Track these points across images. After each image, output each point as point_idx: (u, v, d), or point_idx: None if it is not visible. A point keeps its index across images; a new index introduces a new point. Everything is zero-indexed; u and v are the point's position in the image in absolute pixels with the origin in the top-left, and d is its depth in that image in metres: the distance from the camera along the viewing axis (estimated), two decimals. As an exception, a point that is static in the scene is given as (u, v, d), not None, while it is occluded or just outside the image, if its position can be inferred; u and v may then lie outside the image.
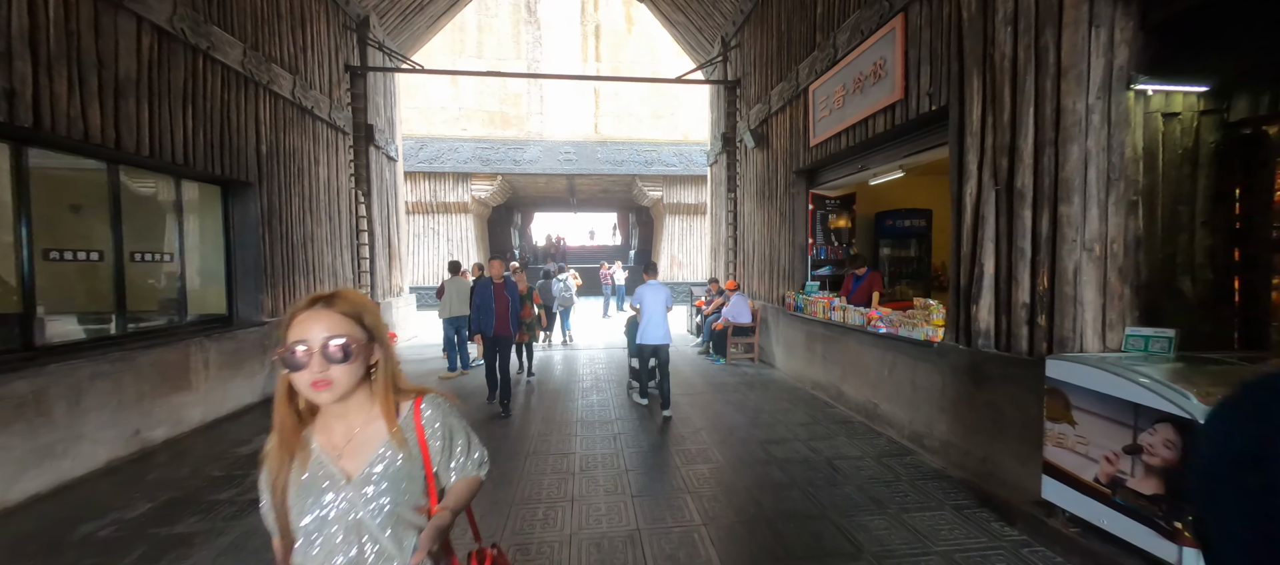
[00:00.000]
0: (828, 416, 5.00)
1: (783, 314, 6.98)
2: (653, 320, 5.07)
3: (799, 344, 6.43)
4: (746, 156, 8.58)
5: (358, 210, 8.44)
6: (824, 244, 6.75)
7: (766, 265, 7.74)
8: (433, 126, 16.75)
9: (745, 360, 7.77)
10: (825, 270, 6.68)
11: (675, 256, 18.33)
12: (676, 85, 17.78)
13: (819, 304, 5.73)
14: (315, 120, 7.14)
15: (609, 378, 6.83)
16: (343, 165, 8.00)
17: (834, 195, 6.77)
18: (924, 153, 4.54)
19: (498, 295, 5.15)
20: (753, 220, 8.37)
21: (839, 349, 5.37)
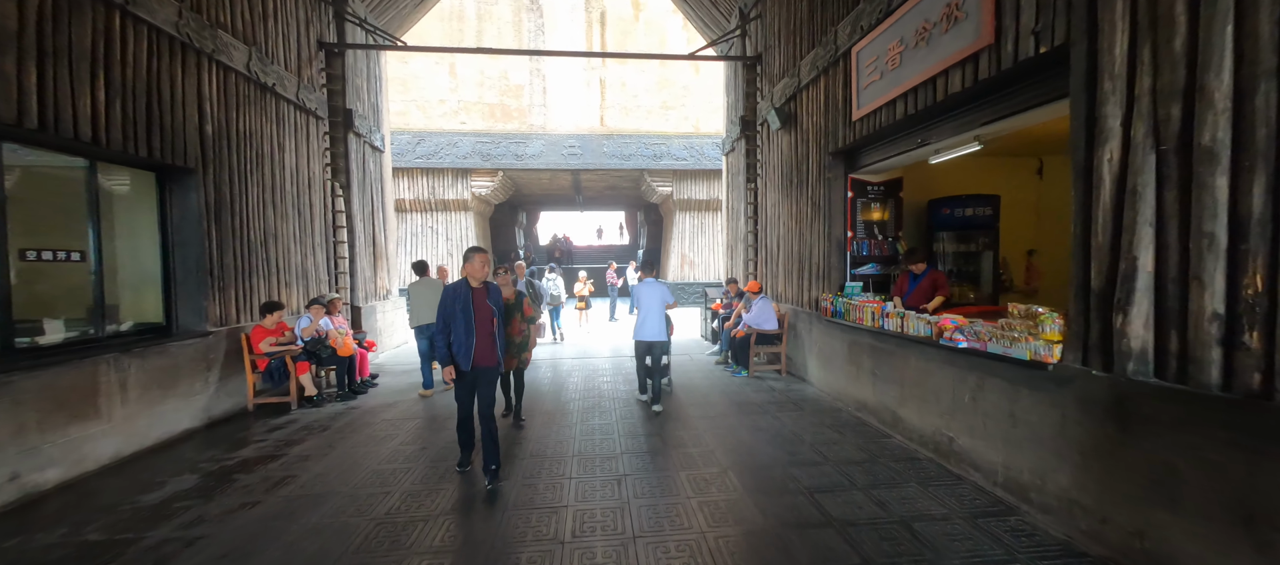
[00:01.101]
0: (885, 451, 4.01)
1: (816, 320, 5.99)
2: (649, 317, 5.18)
3: (838, 356, 5.44)
4: (769, 140, 7.59)
5: (334, 204, 7.57)
6: (865, 238, 5.75)
7: (794, 264, 6.75)
8: (430, 120, 15.94)
9: (771, 373, 6.78)
10: (868, 269, 5.67)
11: (686, 255, 17.35)
12: (687, 76, 16.88)
13: (866, 309, 4.74)
14: (280, 100, 6.27)
15: (615, 394, 5.88)
16: (316, 153, 7.13)
17: (877, 180, 5.77)
18: (1015, 116, 3.54)
19: (478, 308, 3.50)
20: (777, 213, 7.38)
21: (896, 365, 4.37)
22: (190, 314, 4.98)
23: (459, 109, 16.07)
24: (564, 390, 6.15)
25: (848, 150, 5.54)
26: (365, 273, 8.33)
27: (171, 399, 4.55)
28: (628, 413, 5.18)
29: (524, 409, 4.99)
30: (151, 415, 4.34)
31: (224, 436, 4.64)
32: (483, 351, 3.51)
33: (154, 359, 4.40)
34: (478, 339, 3.47)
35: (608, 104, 16.61)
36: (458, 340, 3.45)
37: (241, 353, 5.35)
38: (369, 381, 6.44)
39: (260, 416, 5.25)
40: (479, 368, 3.51)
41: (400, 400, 5.84)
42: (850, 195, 5.71)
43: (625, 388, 6.22)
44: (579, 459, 3.97)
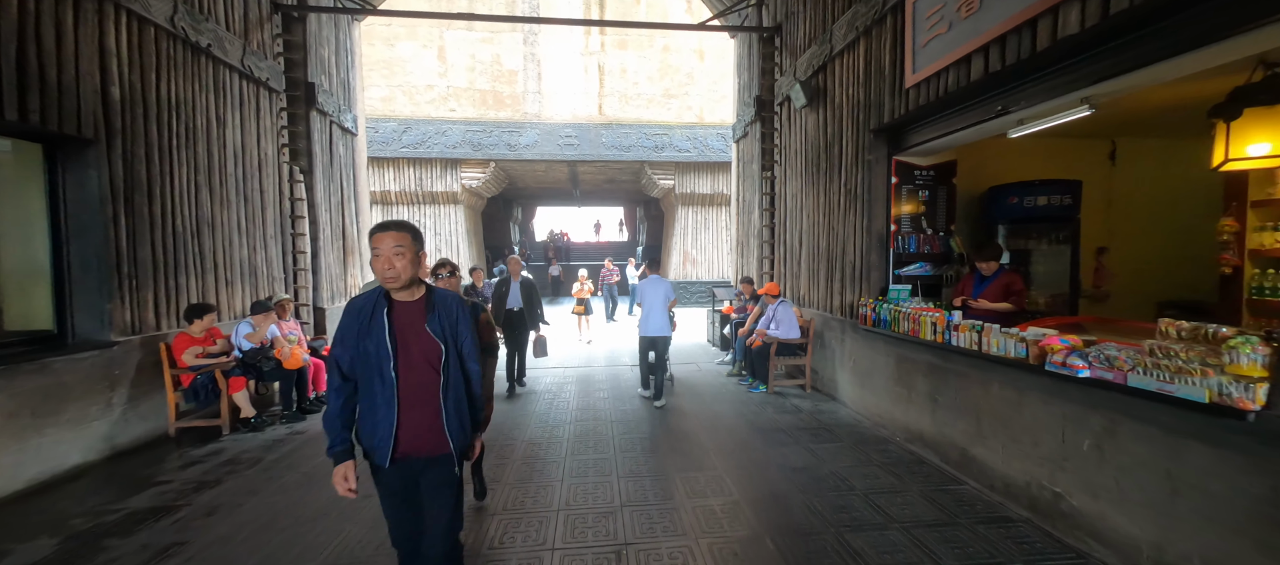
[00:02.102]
0: (963, 506, 3.10)
1: (851, 329, 5.07)
2: (652, 313, 5.31)
3: (882, 373, 4.53)
4: (790, 121, 6.66)
5: (293, 190, 6.62)
6: (912, 231, 4.84)
7: (821, 262, 5.83)
8: (417, 107, 14.97)
9: (793, 388, 5.87)
10: (916, 268, 4.76)
11: (688, 252, 16.44)
12: (691, 63, 15.90)
13: (924, 320, 3.82)
14: (219, 65, 5.31)
15: (613, 413, 4.96)
16: (269, 131, 6.17)
17: (927, 164, 4.85)
18: (1154, 65, 2.62)
19: (405, 340, 1.78)
20: (798, 204, 6.45)
21: (969, 391, 3.46)
22: (89, 320, 4.03)
23: (448, 95, 15.11)
24: (558, 417, 5.22)
25: (894, 126, 4.61)
26: (332, 269, 7.39)
27: (53, 428, 3.61)
28: (628, 443, 4.26)
29: (486, 501, 3.23)
30: (20, 450, 3.40)
31: (125, 474, 3.71)
32: (418, 427, 1.78)
33: (25, 379, 3.46)
34: (405, 405, 1.76)
35: (606, 92, 15.67)
36: (366, 405, 1.78)
37: (162, 366, 4.41)
38: (325, 397, 5.50)
39: (182, 444, 4.32)
40: (413, 460, 1.80)
41: (358, 421, 4.92)
42: (894, 181, 4.80)
43: (634, 416, 5.30)
44: (566, 515, 3.04)
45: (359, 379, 1.79)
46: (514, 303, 6.03)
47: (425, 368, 1.79)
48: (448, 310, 1.87)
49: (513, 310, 6.00)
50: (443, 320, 1.84)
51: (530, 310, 6.05)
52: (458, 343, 1.86)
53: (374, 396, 1.76)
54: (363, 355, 1.76)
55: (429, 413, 1.80)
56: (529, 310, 6.04)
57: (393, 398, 1.75)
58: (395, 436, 1.76)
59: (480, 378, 1.96)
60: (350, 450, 1.79)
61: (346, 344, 1.79)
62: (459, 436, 1.86)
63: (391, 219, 1.79)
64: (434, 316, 1.83)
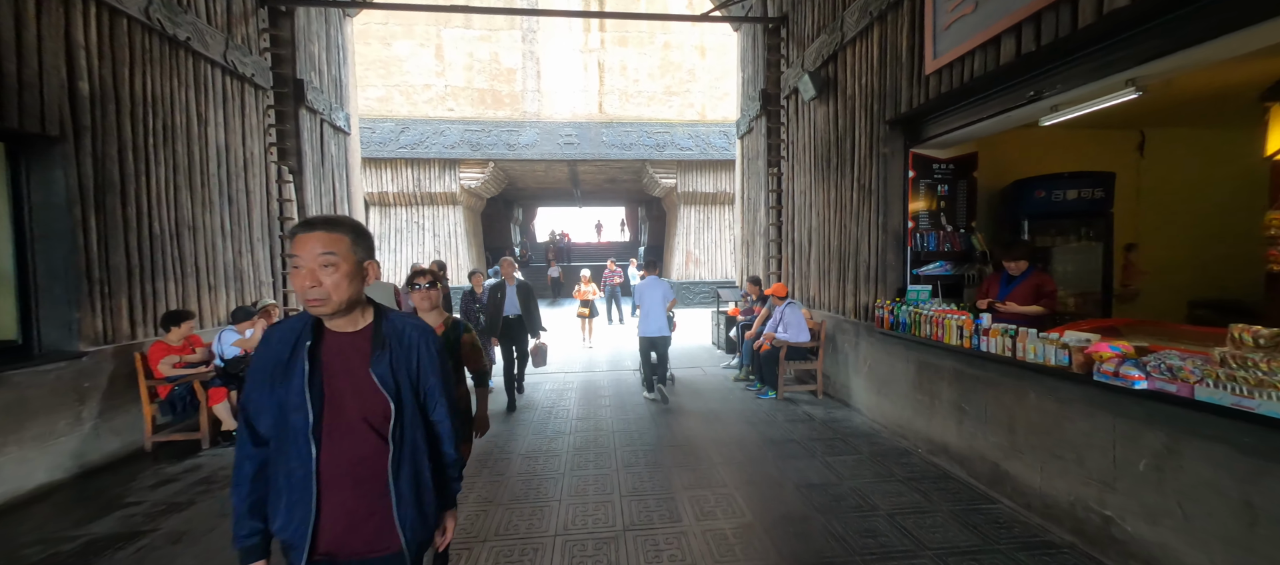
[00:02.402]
0: (1000, 528, 2.82)
1: (866, 332, 4.80)
2: (652, 314, 5.44)
3: (900, 380, 4.25)
4: (798, 115, 6.39)
5: (281, 191, 6.38)
6: (930, 228, 4.56)
7: (832, 262, 5.55)
8: (415, 107, 14.75)
9: (803, 394, 5.59)
10: (935, 268, 4.48)
11: (691, 252, 16.17)
12: (692, 59, 15.63)
13: (949, 323, 3.55)
14: (199, 60, 5.07)
15: (616, 422, 4.70)
16: (255, 129, 5.93)
17: (946, 157, 4.57)
18: (1209, 43, 2.35)
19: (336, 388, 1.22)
20: (807, 201, 6.18)
21: (1000, 401, 3.19)
22: (56, 329, 3.79)
23: (446, 95, 14.88)
24: (553, 417, 4.96)
25: (911, 117, 4.34)
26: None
27: (15, 446, 3.37)
28: (631, 455, 3.99)
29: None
30: (-23, 472, 3.16)
31: (92, 494, 3.46)
32: (352, 517, 1.24)
33: (-16, 394, 3.21)
34: (330, 486, 1.21)
35: (607, 89, 15.42)
36: (276, 481, 1.22)
37: (137, 377, 4.17)
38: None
39: (159, 459, 4.07)
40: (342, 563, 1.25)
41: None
42: (911, 175, 4.52)
43: (629, 416, 5.04)
44: (564, 541, 2.78)
45: (272, 443, 1.22)
46: (511, 309, 5.55)
47: (364, 432, 1.21)
48: (404, 344, 1.29)
49: (510, 318, 5.55)
50: (397, 360, 1.26)
51: (528, 316, 5.59)
52: (419, 390, 1.31)
53: (288, 471, 1.18)
54: (285, 406, 1.18)
55: (369, 496, 1.22)
56: (527, 316, 5.60)
57: (311, 476, 1.17)
58: (314, 529, 1.18)
59: (452, 434, 1.40)
60: (263, 546, 1.23)
61: (259, 388, 1.21)
62: (416, 527, 1.28)
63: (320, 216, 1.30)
64: (382, 356, 1.24)
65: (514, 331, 5.59)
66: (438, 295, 2.38)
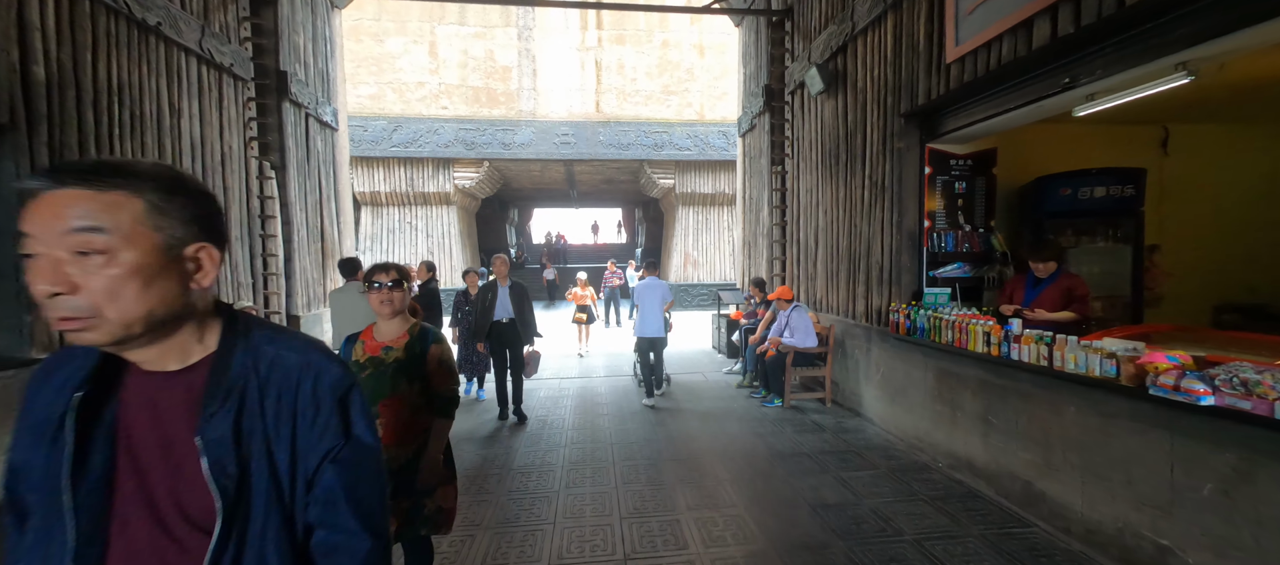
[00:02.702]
0: (1035, 555, 2.56)
1: (878, 337, 4.55)
2: (649, 315, 5.48)
3: (918, 388, 4.00)
4: (804, 110, 6.14)
5: (263, 188, 6.07)
6: (947, 228, 4.31)
7: (841, 263, 5.30)
8: (408, 105, 14.45)
9: (811, 402, 5.33)
10: (953, 269, 4.24)
11: (689, 254, 15.93)
12: (691, 58, 15.40)
13: (975, 329, 3.29)
14: (171, 47, 4.77)
15: (615, 433, 4.42)
16: (234, 122, 5.62)
17: (963, 152, 4.33)
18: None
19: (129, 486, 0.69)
20: (813, 200, 5.93)
21: (1033, 414, 2.94)
22: (6, 333, 3.47)
23: (440, 93, 14.59)
24: (547, 429, 4.67)
25: (929, 109, 4.09)
26: (309, 273, 6.83)
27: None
28: (631, 471, 3.72)
29: None
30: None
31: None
32: None
33: (-86, 407, 2.90)
34: None
35: (604, 88, 15.17)
36: None
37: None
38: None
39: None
40: None
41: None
42: (928, 172, 4.28)
43: (629, 426, 4.76)
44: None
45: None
46: (502, 313, 5.05)
47: (167, 549, 0.68)
48: (273, 394, 0.74)
49: (501, 322, 5.06)
50: (251, 423, 0.72)
51: (522, 321, 5.05)
52: (294, 482, 0.73)
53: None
54: (32, 486, 0.70)
55: None
56: (520, 321, 5.06)
57: None
58: None
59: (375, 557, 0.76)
60: None
61: (19, 448, 0.72)
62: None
63: (78, 161, 0.69)
64: (223, 415, 0.70)
65: (505, 337, 5.10)
66: (402, 298, 2.00)
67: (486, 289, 5.09)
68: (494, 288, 5.06)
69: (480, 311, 5.04)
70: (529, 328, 5.08)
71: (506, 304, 5.04)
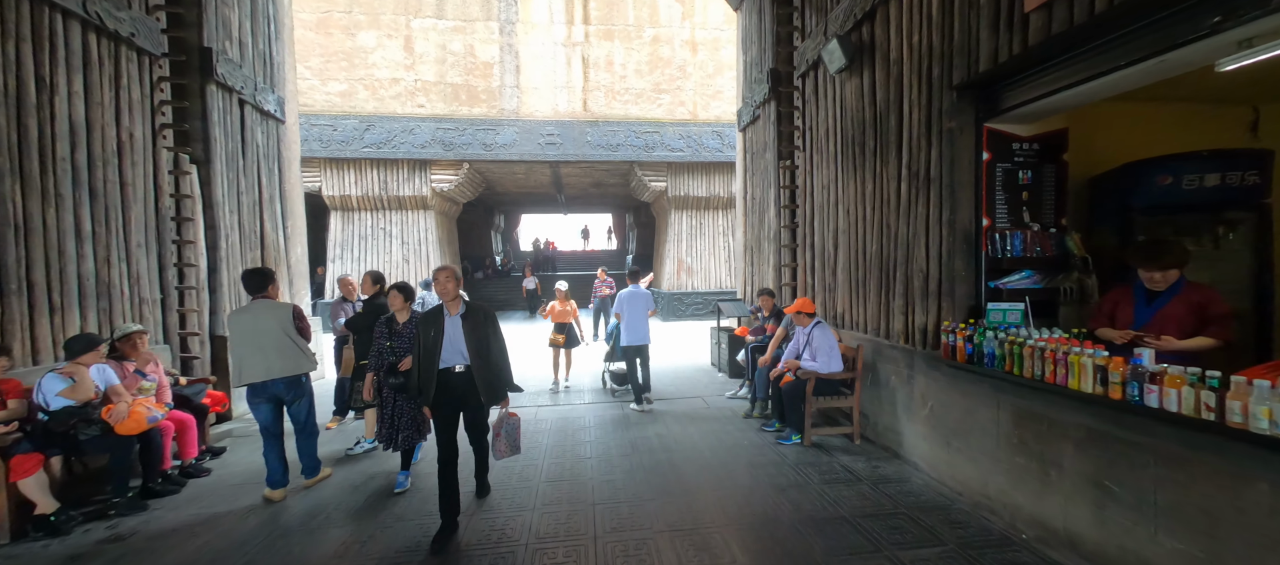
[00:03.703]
0: None
1: (924, 362, 3.68)
2: (636, 324, 5.57)
3: (985, 432, 3.12)
4: (820, 93, 5.31)
5: (178, 185, 5.09)
6: (1010, 226, 3.47)
7: (871, 271, 4.44)
8: (381, 103, 13.50)
9: (835, 438, 4.45)
10: (1021, 278, 3.38)
11: (682, 261, 15.05)
12: (683, 54, 14.52)
13: (1077, 360, 2.43)
14: (42, 8, 3.82)
15: (600, 485, 3.50)
16: (138, 105, 4.65)
17: (1028, 135, 3.50)
18: None
19: None
20: (830, 197, 5.08)
21: (1190, 486, 2.07)
22: None
23: (416, 90, 13.66)
24: (512, 478, 3.73)
25: (992, 78, 3.25)
26: (239, 286, 5.84)
27: None
28: (620, 545, 2.79)
29: None
30: None
31: None
32: None
33: None
34: None
35: (591, 86, 14.32)
36: None
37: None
38: (196, 465, 3.97)
39: (-75, 565, 2.76)
40: None
41: (229, 508, 3.39)
42: (986, 157, 3.44)
43: (617, 478, 3.83)
44: None
45: None
46: (453, 356, 3.02)
47: None
48: None
49: (453, 372, 3.03)
50: None
51: (487, 369, 3.07)
52: None
53: None
54: None
55: None
56: (485, 369, 3.06)
57: None
58: None
59: None
60: None
61: None
62: None
63: None
64: None
65: (459, 394, 3.05)
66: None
67: (428, 320, 3.07)
68: (439, 317, 3.07)
69: (425, 356, 3.04)
70: (499, 377, 3.14)
71: (459, 342, 3.04)
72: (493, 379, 3.09)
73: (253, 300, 3.48)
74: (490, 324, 3.13)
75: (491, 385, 3.08)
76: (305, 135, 12.94)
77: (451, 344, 3.02)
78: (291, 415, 3.57)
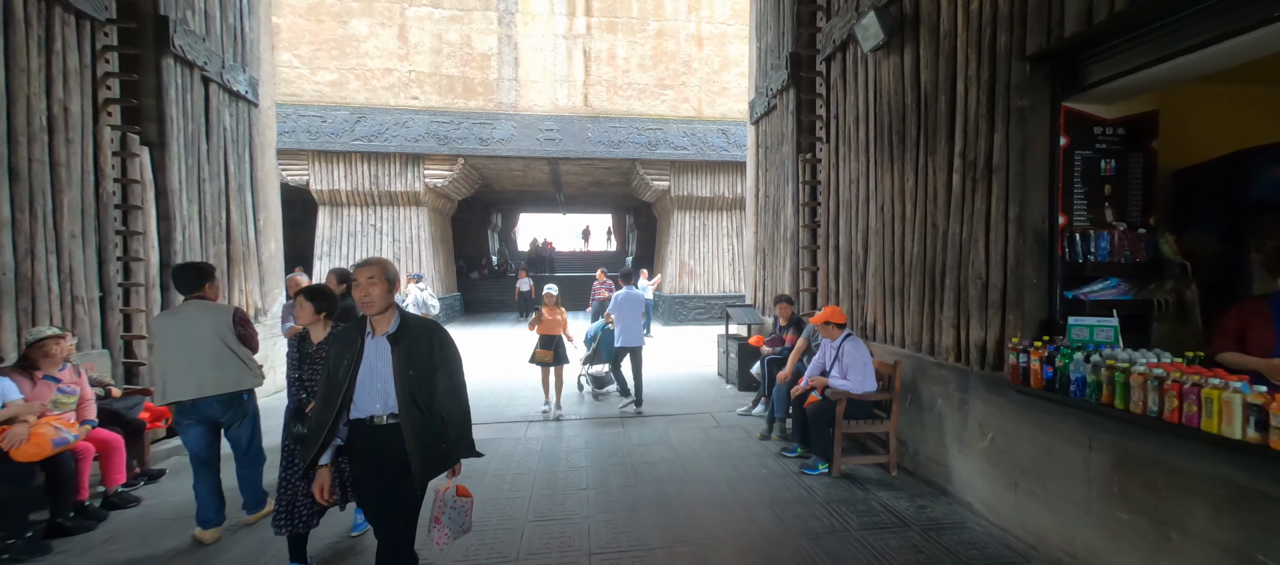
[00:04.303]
0: None
1: (982, 385, 3.12)
2: (631, 326, 5.47)
3: (1072, 477, 2.55)
4: (849, 77, 4.74)
5: (125, 168, 4.51)
6: (1093, 226, 2.91)
7: (911, 276, 3.87)
8: (374, 94, 12.94)
9: (869, 468, 3.87)
10: (1106, 287, 2.82)
11: (685, 263, 14.50)
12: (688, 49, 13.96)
13: (1214, 396, 1.87)
14: (-53, -49, 3.25)
15: (599, 530, 2.93)
16: (75, 75, 4.07)
17: (1113, 117, 2.94)
18: None
19: None
20: (862, 191, 4.52)
21: None
22: None
23: (410, 81, 13.10)
24: (491, 523, 3.15)
25: (1073, 47, 2.69)
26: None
27: None
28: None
29: None
30: None
31: None
32: None
33: None
34: None
35: (592, 80, 13.78)
36: None
37: None
38: (123, 493, 3.38)
39: None
40: None
41: (149, 552, 2.81)
42: (1064, 143, 2.88)
43: (617, 515, 3.26)
44: None
45: None
46: (370, 401, 1.90)
47: None
48: None
49: (371, 423, 1.91)
50: None
51: (427, 423, 1.89)
52: None
53: None
54: None
55: None
56: (423, 423, 1.88)
57: None
58: None
59: None
60: None
61: None
62: None
63: None
64: None
65: (378, 460, 1.92)
66: None
67: (339, 340, 1.98)
68: (352, 337, 1.94)
69: (321, 393, 1.93)
70: (445, 436, 1.95)
71: (384, 376, 1.90)
72: (433, 440, 1.89)
73: (185, 301, 2.90)
74: (439, 350, 1.96)
75: (431, 449, 1.88)
76: (293, 126, 12.39)
77: (371, 379, 1.88)
78: (230, 440, 2.99)
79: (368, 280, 1.88)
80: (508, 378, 7.17)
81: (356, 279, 1.88)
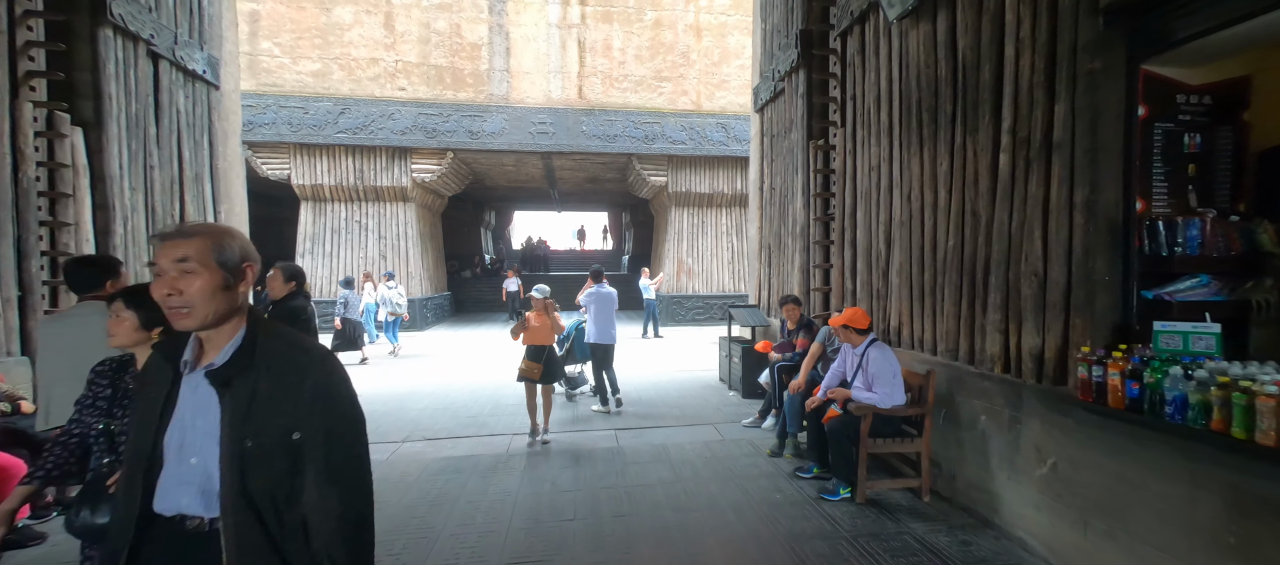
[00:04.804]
0: None
1: (1039, 400, 2.64)
2: (609, 323, 5.51)
3: (1170, 521, 2.07)
4: (871, 52, 4.26)
5: (52, 150, 3.98)
6: (1177, 212, 2.44)
7: (947, 273, 3.39)
8: (359, 85, 12.41)
9: (898, 493, 3.39)
10: (1193, 286, 2.35)
11: (683, 261, 14.02)
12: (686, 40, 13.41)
13: None
14: None
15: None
16: (-13, 43, 3.55)
17: (1198, 84, 2.47)
18: None
19: None
20: (885, 179, 4.04)
21: None
22: None
23: (397, 71, 12.57)
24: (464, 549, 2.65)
25: None
26: (143, 279, 4.71)
27: None
28: None
29: None
30: None
31: None
32: None
33: None
34: None
35: (587, 72, 13.27)
36: None
37: None
38: (24, 529, 2.86)
39: None
40: None
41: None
42: (1142, 113, 2.40)
43: (610, 554, 2.76)
44: None
45: None
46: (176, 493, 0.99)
47: None
48: None
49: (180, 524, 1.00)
50: None
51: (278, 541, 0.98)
52: None
53: None
54: None
55: None
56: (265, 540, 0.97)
57: None
58: None
59: None
60: None
61: None
62: None
63: None
64: None
65: None
66: None
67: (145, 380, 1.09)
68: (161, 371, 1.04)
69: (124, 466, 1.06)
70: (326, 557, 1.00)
71: (202, 446, 1.00)
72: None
73: (78, 302, 2.38)
74: (318, 400, 1.02)
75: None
76: (274, 118, 11.85)
77: (182, 449, 1.01)
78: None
79: (178, 266, 0.96)
80: (493, 382, 6.66)
81: (157, 263, 0.98)
